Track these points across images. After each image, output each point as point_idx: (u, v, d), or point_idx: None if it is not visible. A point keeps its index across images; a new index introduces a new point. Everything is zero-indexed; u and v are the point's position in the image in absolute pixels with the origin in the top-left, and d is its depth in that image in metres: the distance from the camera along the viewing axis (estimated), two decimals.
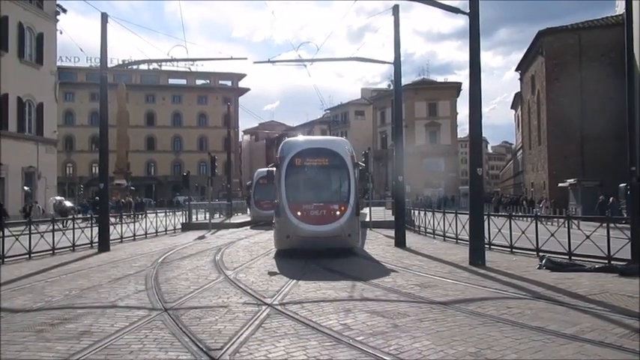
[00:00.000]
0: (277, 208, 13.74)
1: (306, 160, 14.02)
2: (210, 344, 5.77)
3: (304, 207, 13.31)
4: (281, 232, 13.60)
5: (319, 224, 13.16)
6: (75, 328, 6.63)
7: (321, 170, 14.19)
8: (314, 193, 13.90)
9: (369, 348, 5.55)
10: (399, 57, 16.82)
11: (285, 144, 14.82)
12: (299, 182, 14.11)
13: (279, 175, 13.86)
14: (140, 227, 21.77)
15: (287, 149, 14.25)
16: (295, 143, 14.90)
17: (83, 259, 14.55)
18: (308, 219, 13.15)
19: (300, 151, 14.06)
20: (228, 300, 8.28)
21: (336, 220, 13.24)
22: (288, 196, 13.44)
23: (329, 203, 13.54)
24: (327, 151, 14.21)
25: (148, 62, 23.87)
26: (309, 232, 13.11)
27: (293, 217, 13.16)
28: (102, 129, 17.55)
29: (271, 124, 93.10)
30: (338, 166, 14.01)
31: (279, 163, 14.06)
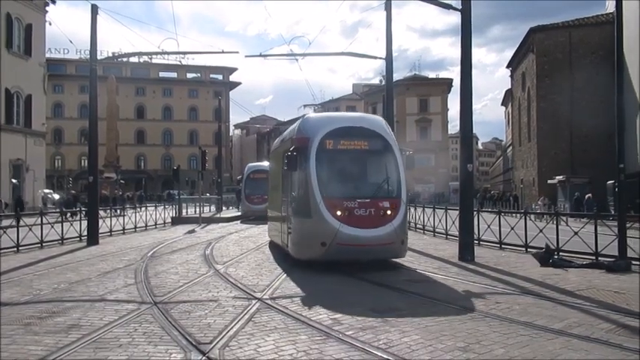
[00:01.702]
0: (300, 204, 10.76)
1: (340, 142, 10.89)
2: (199, 338, 5.76)
3: (346, 205, 10.18)
4: (310, 238, 10.38)
5: (368, 228, 10.09)
6: (63, 321, 6.58)
7: (361, 156, 11.22)
8: (356, 186, 10.96)
9: (359, 342, 5.57)
10: (391, 52, 16.84)
11: (307, 122, 11.65)
12: (334, 171, 11.06)
13: (304, 162, 10.63)
14: (130, 221, 21.65)
15: (313, 128, 11.14)
16: (323, 120, 11.78)
17: (72, 252, 14.45)
18: (353, 221, 10.05)
19: (332, 131, 10.90)
20: (218, 294, 8.27)
21: (387, 221, 10.25)
22: (323, 190, 10.30)
23: (377, 200, 10.47)
24: (366, 132, 11.14)
25: (139, 55, 23.78)
26: (356, 239, 9.97)
27: (332, 218, 10.01)
28: (91, 122, 17.40)
29: (262, 118, 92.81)
30: (381, 151, 11.16)
31: (300, 146, 10.85)
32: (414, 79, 70.38)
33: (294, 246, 11.12)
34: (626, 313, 6.79)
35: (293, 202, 11.12)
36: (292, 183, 11.31)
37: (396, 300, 7.75)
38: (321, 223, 10.13)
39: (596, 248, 11.27)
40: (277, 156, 14.02)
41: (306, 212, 10.47)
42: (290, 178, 11.45)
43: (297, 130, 11.57)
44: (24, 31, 35.42)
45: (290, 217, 11.25)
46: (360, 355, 5.17)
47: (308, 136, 10.90)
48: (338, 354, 5.21)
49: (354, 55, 19.04)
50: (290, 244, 11.31)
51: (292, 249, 11.23)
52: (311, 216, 10.31)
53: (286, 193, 11.96)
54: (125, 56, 29.35)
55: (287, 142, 12.53)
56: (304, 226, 10.62)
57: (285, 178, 12.12)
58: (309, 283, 9.13)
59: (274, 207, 14.62)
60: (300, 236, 10.84)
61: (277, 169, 13.96)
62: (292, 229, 11.11)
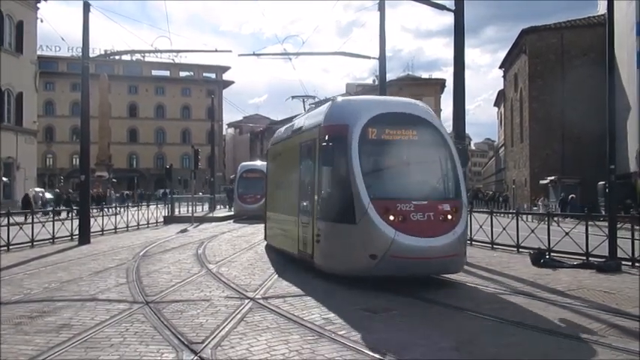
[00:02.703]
0: (336, 207, 8.92)
1: (384, 131, 9.04)
2: (191, 338, 5.75)
3: (400, 208, 8.33)
4: (354, 249, 8.55)
5: (428, 236, 8.25)
6: (54, 321, 6.54)
7: (409, 148, 9.28)
8: (408, 184, 9.11)
9: (351, 342, 5.58)
10: (384, 52, 16.86)
11: (341, 106, 9.81)
12: (381, 167, 9.31)
13: (341, 155, 8.76)
14: (122, 220, 21.55)
15: (351, 113, 9.28)
16: (361, 105, 9.94)
17: (63, 251, 14.36)
18: (410, 228, 8.21)
19: (375, 118, 9.01)
20: (210, 294, 8.25)
21: (450, 228, 8.46)
22: (370, 190, 8.46)
23: (436, 202, 8.75)
24: (413, 119, 9.31)
25: (131, 53, 23.64)
26: (415, 251, 8.14)
27: (385, 225, 8.17)
28: (83, 120, 17.30)
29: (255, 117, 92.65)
30: (433, 142, 9.35)
31: (335, 136, 8.94)
32: (408, 79, 70.40)
33: (326, 258, 9.23)
34: (616, 313, 6.85)
35: (323, 204, 9.31)
36: (320, 180, 9.48)
37: (388, 300, 7.75)
38: (370, 230, 8.26)
39: (587, 248, 11.35)
40: (287, 149, 12.28)
41: (346, 217, 8.55)
42: (316, 174, 9.63)
43: (328, 116, 9.65)
44: (15, 28, 35.13)
45: (316, 222, 9.44)
46: (352, 355, 5.18)
47: (346, 124, 8.95)
48: (330, 353, 5.21)
49: (347, 54, 19.07)
50: (318, 254, 9.42)
51: (323, 261, 9.32)
52: (355, 221, 8.40)
53: (306, 192, 10.30)
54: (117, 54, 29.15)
55: (307, 131, 10.62)
56: (344, 234, 8.71)
57: (304, 175, 10.49)
58: (302, 283, 9.12)
59: (279, 208, 13.04)
60: (336, 246, 8.95)
61: (284, 165, 12.57)
62: (323, 236, 9.18)
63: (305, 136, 10.71)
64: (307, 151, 10.33)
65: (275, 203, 13.84)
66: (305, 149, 10.27)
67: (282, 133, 13.81)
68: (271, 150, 14.72)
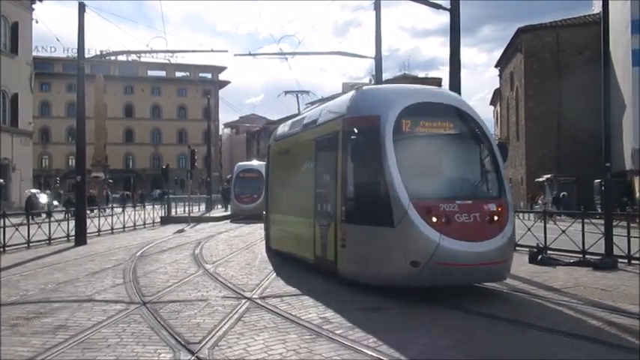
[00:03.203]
0: (369, 207, 8.07)
1: (419, 123, 8.17)
2: (188, 338, 5.74)
3: (444, 208, 7.48)
4: (391, 255, 7.66)
5: (475, 240, 7.39)
6: (51, 322, 6.52)
7: (447, 142, 8.49)
8: (449, 182, 8.34)
9: (349, 341, 5.58)
10: (380, 52, 16.85)
11: (368, 95, 8.88)
12: (419, 163, 8.22)
13: (375, 149, 7.87)
14: (118, 221, 21.50)
15: (381, 103, 8.35)
16: (392, 93, 8.94)
17: (59, 252, 14.31)
18: (456, 231, 7.34)
19: (409, 108, 8.11)
20: (207, 294, 8.24)
21: (498, 231, 7.62)
22: (410, 188, 7.54)
23: (481, 201, 7.89)
24: (450, 110, 8.47)
25: (127, 53, 23.55)
26: (462, 257, 7.29)
27: (428, 228, 7.29)
28: (79, 121, 17.24)
29: (252, 117, 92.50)
30: (471, 136, 8.51)
31: (365, 128, 8.06)
32: (404, 78, 70.41)
33: (353, 265, 8.28)
34: (613, 310, 6.86)
35: (350, 205, 8.35)
36: (344, 179, 8.52)
37: (388, 298, 7.75)
38: (411, 234, 7.35)
39: (583, 246, 11.39)
40: (297, 146, 11.43)
41: (381, 219, 7.66)
42: (339, 172, 8.66)
43: (353, 106, 8.69)
44: (10, 29, 35.02)
45: (340, 225, 8.48)
46: (350, 354, 5.18)
47: (377, 114, 8.02)
48: (328, 353, 5.21)
49: (343, 54, 19.04)
50: (344, 260, 8.48)
51: (350, 268, 8.38)
52: (393, 224, 7.48)
53: (325, 191, 9.41)
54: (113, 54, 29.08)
55: (325, 125, 9.65)
56: (378, 239, 7.81)
57: (322, 173, 9.59)
58: (299, 282, 9.11)
59: (287, 209, 11.93)
60: (368, 252, 7.98)
61: (293, 162, 11.64)
62: (350, 241, 8.28)
63: (322, 130, 9.73)
64: (326, 146, 9.36)
65: (281, 204, 12.63)
66: (323, 145, 9.41)
67: (287, 129, 12.68)
68: (274, 147, 13.56)
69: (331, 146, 9.10)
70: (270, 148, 14.04)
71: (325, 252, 9.24)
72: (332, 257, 8.88)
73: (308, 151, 10.37)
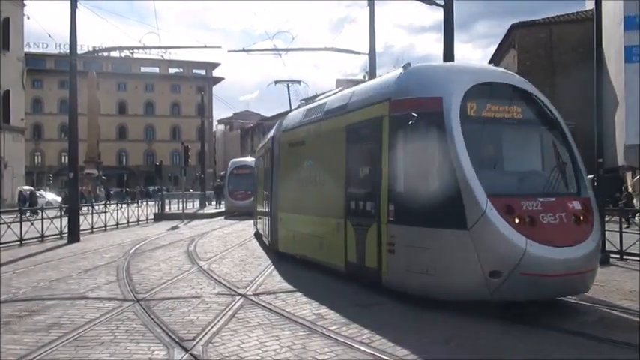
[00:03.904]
0: (427, 205, 6.73)
1: (485, 106, 7.03)
2: (182, 335, 5.73)
3: (527, 207, 6.38)
4: (464, 263, 6.39)
5: (563, 244, 6.26)
6: (44, 319, 6.50)
7: (518, 129, 7.37)
8: (527, 177, 7.13)
9: (343, 337, 5.59)
10: (374, 48, 16.90)
11: (419, 74, 7.67)
12: (490, 153, 7.23)
13: (438, 136, 6.74)
14: (112, 218, 21.42)
15: (442, 82, 7.18)
16: (453, 72, 7.69)
17: (52, 249, 14.25)
18: (542, 234, 6.24)
19: (474, 89, 6.99)
20: (201, 290, 8.22)
21: (586, 234, 6.53)
22: (484, 183, 6.39)
23: (564, 198, 6.79)
24: (519, 93, 7.35)
25: (120, 49, 23.49)
26: (554, 265, 6.14)
27: (511, 231, 6.15)
28: (71, 117, 17.15)
29: (246, 113, 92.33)
30: (543, 123, 7.46)
31: (423, 112, 6.90)
32: None
33: (409, 274, 6.93)
34: (605, 305, 6.91)
35: (402, 202, 7.08)
36: (393, 172, 7.26)
37: (382, 294, 7.76)
38: (491, 238, 6.20)
39: None
40: (318, 135, 10.00)
41: (450, 219, 6.49)
42: (385, 164, 7.40)
43: (402, 86, 7.47)
44: (1, 25, 34.74)
45: (387, 226, 7.25)
46: (344, 350, 5.19)
47: (438, 96, 6.89)
48: (322, 349, 5.22)
49: (337, 50, 19.08)
50: (393, 269, 7.20)
51: (403, 278, 7.05)
52: (465, 226, 6.29)
53: (362, 187, 8.16)
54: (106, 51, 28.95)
55: (360, 110, 8.31)
56: (445, 244, 6.57)
57: (358, 165, 8.35)
58: (293, 279, 9.12)
59: (304, 208, 10.57)
60: (431, 259, 6.67)
61: (312, 154, 10.30)
62: (402, 245, 7.03)
63: (356, 116, 8.44)
64: (362, 134, 8.20)
65: (294, 202, 11.21)
66: (357, 133, 8.30)
67: (301, 117, 11.23)
68: (282, 138, 12.07)
69: (370, 134, 7.91)
70: (275, 140, 12.57)
71: (362, 258, 7.90)
72: (373, 264, 7.54)
73: (335, 140, 9.07)
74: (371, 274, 7.67)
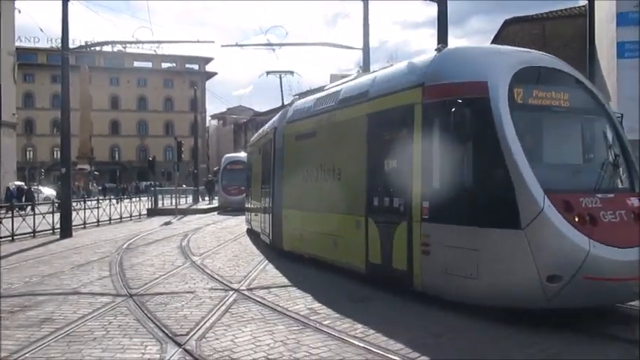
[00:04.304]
0: (478, 201, 6.12)
1: (532, 93, 6.34)
2: (176, 330, 5.72)
3: (586, 204, 5.81)
4: (516, 266, 5.75)
5: (628, 245, 5.66)
6: (36, 315, 6.47)
7: (569, 119, 6.74)
8: (584, 171, 6.60)
9: (336, 332, 5.60)
10: (368, 43, 16.88)
11: (456, 56, 7.05)
12: (544, 144, 6.63)
13: (484, 125, 6.06)
14: (104, 213, 21.34)
15: (485, 66, 6.50)
16: (495, 54, 7.05)
17: (44, 245, 14.18)
18: (604, 234, 5.66)
19: (521, 73, 6.31)
20: (194, 286, 8.21)
21: None
22: (539, 176, 5.75)
23: (622, 195, 6.25)
24: (566, 78, 6.67)
25: (112, 44, 23.35)
26: (618, 268, 5.55)
27: (572, 230, 5.57)
28: (63, 112, 17.02)
29: (239, 109, 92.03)
30: (594, 112, 6.78)
31: (465, 98, 6.17)
32: None
33: (447, 278, 6.30)
34: None
35: (439, 198, 6.41)
36: (428, 164, 6.60)
37: (376, 289, 7.77)
38: (550, 238, 5.60)
39: None
40: (333, 125, 9.16)
41: (499, 217, 5.89)
42: (418, 155, 6.72)
43: (437, 70, 6.80)
44: None
45: (420, 225, 6.61)
46: (337, 344, 5.20)
47: (483, 80, 6.23)
48: (315, 343, 5.23)
49: (331, 45, 19.07)
50: (429, 272, 6.55)
51: (441, 282, 6.42)
52: (519, 225, 5.65)
53: (387, 181, 7.44)
54: (98, 45, 28.74)
55: (386, 97, 7.62)
56: (494, 244, 5.91)
57: (384, 158, 7.56)
58: (286, 274, 9.12)
59: (313, 203, 9.80)
60: (475, 262, 5.97)
61: (327, 146, 9.36)
62: (439, 245, 6.39)
63: (381, 103, 7.69)
64: (389, 123, 7.54)
65: (302, 198, 10.36)
66: (383, 122, 7.62)
67: (311, 106, 10.43)
68: (288, 130, 11.26)
69: (398, 124, 7.31)
70: (279, 132, 11.70)
71: (388, 259, 7.24)
72: (403, 266, 6.91)
73: (353, 131, 8.35)
74: (399, 277, 7.02)
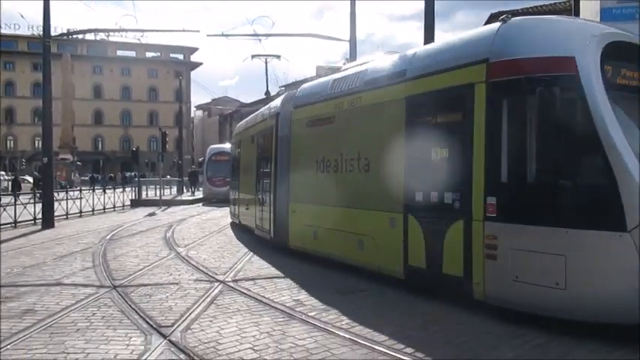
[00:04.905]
0: (562, 198, 5.37)
1: (621, 72, 5.53)
2: (160, 321, 5.68)
3: None
4: (621, 277, 4.92)
5: None
6: (17, 306, 6.38)
7: None
8: None
9: (322, 323, 5.61)
10: (355, 35, 16.88)
11: (527, 26, 6.06)
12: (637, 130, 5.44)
13: (571, 107, 5.30)
14: (87, 203, 21.09)
15: (570, 39, 5.58)
16: (576, 25, 6.29)
17: (25, 235, 13.98)
18: None
19: (610, 48, 5.46)
20: (179, 277, 8.17)
21: None
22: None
23: None
24: None
25: (95, 32, 22.99)
26: None
27: None
28: (45, 101, 16.74)
29: (224, 99, 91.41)
30: None
31: (545, 75, 5.38)
32: None
33: (521, 287, 5.38)
34: None
35: (509, 192, 5.57)
36: (499, 152, 5.62)
37: (362, 281, 7.79)
38: None
39: None
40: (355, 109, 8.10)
41: (599, 217, 5.06)
42: (483, 140, 5.74)
43: (505, 44, 5.77)
44: None
45: (480, 224, 5.69)
46: (323, 335, 5.21)
47: (570, 55, 5.33)
48: (301, 335, 5.23)
49: (317, 36, 19.00)
50: (492, 279, 5.63)
51: (512, 292, 5.47)
52: (624, 227, 4.83)
53: (434, 170, 6.47)
54: (80, 33, 28.30)
55: (428, 77, 6.67)
56: (589, 249, 5.05)
57: (429, 144, 6.52)
58: (272, 266, 9.11)
59: (333, 198, 8.67)
60: (562, 270, 5.08)
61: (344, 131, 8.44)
62: (509, 249, 5.45)
63: (425, 84, 6.72)
64: (439, 106, 6.64)
65: (316, 192, 9.29)
66: (427, 105, 6.74)
67: (325, 88, 9.33)
68: (297, 114, 10.09)
69: (451, 106, 6.46)
70: (283, 118, 10.63)
71: (436, 263, 6.31)
72: (457, 272, 6.02)
73: (387, 115, 7.36)
74: (453, 284, 6.10)
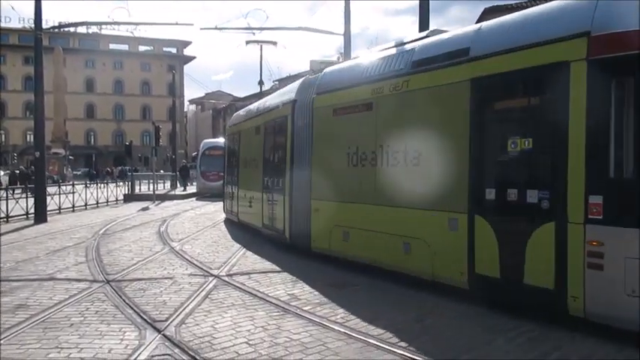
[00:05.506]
0: None
1: None
2: (154, 316, 5.67)
3: None
4: None
5: None
6: (10, 301, 6.34)
7: None
8: None
9: (317, 317, 5.62)
10: (349, 29, 16.79)
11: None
12: None
13: None
14: (80, 198, 20.97)
15: None
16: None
17: (18, 230, 13.87)
18: None
19: None
20: (173, 271, 8.14)
21: None
22: None
23: None
24: None
25: (87, 25, 22.79)
26: None
27: None
28: (37, 95, 16.59)
29: (218, 94, 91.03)
30: None
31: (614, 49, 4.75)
32: None
33: None
34: None
35: (621, 191, 4.81)
36: (608, 144, 4.84)
37: (356, 276, 7.80)
38: None
39: None
40: (399, 95, 7.21)
41: None
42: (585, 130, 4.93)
43: (611, 12, 4.95)
44: None
45: (578, 227, 4.93)
46: (318, 330, 5.21)
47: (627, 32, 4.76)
48: (296, 329, 5.23)
49: (311, 30, 18.91)
50: (601, 292, 4.82)
51: (632, 309, 4.57)
52: None
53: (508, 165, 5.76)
54: (72, 26, 28.03)
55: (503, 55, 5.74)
56: None
57: (504, 134, 5.75)
58: (267, 260, 9.11)
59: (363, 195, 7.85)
60: None
61: (384, 122, 7.52)
62: (620, 259, 4.67)
63: (496, 64, 5.84)
64: (514, 90, 5.86)
65: (348, 188, 8.25)
66: (498, 88, 5.93)
67: (357, 72, 8.40)
68: (321, 101, 9.07)
69: (535, 88, 5.61)
70: (301, 105, 9.72)
71: (515, 272, 5.49)
72: (545, 283, 5.23)
73: (446, 101, 6.49)
74: (538, 297, 5.31)
